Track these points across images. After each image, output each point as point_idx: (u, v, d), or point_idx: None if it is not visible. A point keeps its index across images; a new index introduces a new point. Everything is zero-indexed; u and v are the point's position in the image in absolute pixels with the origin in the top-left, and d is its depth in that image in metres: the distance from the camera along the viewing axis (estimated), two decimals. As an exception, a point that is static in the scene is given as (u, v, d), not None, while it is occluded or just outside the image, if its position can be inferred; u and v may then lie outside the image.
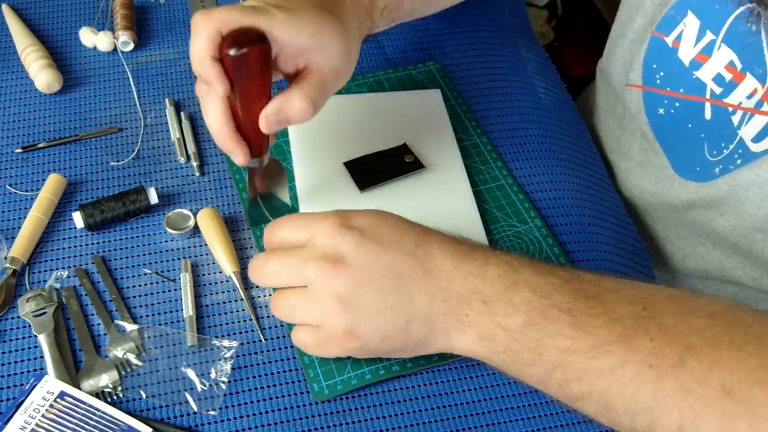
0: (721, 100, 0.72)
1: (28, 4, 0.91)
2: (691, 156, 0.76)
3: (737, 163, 0.70)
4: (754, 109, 0.68)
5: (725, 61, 0.71)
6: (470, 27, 0.93)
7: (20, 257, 0.67)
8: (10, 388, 0.61)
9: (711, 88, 0.73)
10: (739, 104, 0.70)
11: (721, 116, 0.72)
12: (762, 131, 0.67)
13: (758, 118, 0.68)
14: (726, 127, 0.71)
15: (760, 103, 0.68)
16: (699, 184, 0.75)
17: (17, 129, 0.79)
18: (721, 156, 0.72)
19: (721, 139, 0.72)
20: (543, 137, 0.83)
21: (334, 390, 0.61)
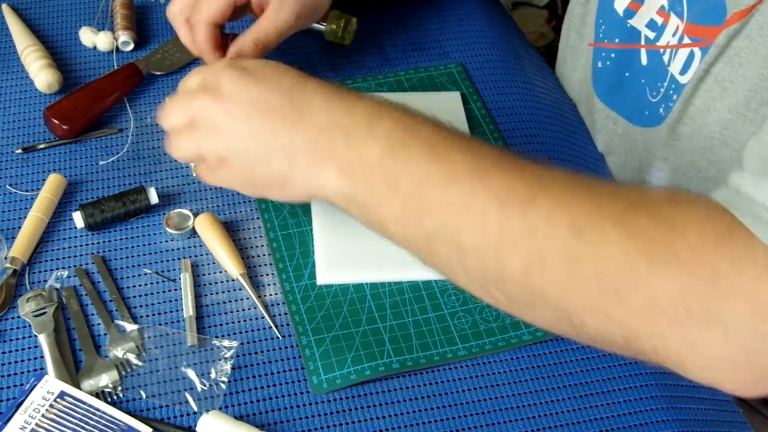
0: (654, 44, 0.73)
1: (28, 4, 0.91)
2: (635, 103, 0.77)
3: (673, 98, 0.71)
4: (676, 44, 0.70)
5: (657, 5, 0.72)
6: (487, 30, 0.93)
7: (20, 257, 0.67)
8: (10, 388, 0.61)
9: (645, 34, 0.74)
10: (667, 44, 0.71)
11: (656, 59, 0.73)
12: (685, 63, 0.69)
13: (682, 51, 0.69)
14: (660, 68, 0.73)
15: (681, 38, 0.69)
16: (654, 129, 0.76)
17: (17, 129, 0.79)
18: (659, 95, 0.73)
19: (656, 80, 0.74)
20: (550, 138, 0.83)
21: (333, 384, 0.62)
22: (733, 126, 0.65)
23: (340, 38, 0.88)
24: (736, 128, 0.65)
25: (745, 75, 0.63)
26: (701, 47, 0.67)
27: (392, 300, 0.67)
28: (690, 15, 0.69)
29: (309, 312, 0.66)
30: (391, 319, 0.66)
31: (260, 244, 0.71)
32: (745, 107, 0.63)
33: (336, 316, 0.66)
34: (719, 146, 0.67)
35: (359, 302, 0.67)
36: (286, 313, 0.67)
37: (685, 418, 0.63)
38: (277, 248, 0.70)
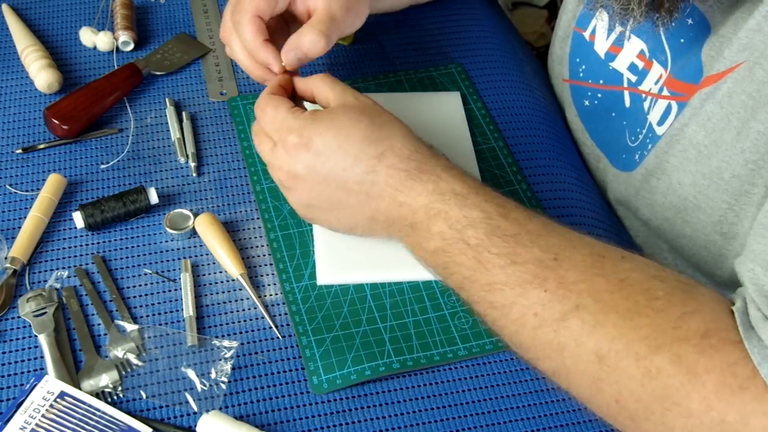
0: (636, 88, 0.74)
1: (28, 4, 0.91)
2: (617, 145, 0.78)
3: (648, 148, 0.72)
4: (657, 94, 0.71)
5: (636, 50, 0.73)
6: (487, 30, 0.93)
7: (20, 257, 0.67)
8: (10, 388, 0.61)
9: (627, 77, 0.75)
10: (649, 90, 0.72)
11: (637, 103, 0.74)
12: (663, 114, 0.70)
13: (661, 102, 0.70)
14: (640, 114, 0.73)
15: (661, 89, 0.70)
16: (626, 174, 0.76)
17: (17, 129, 0.79)
18: (638, 142, 0.74)
19: (636, 125, 0.74)
20: (550, 138, 0.83)
21: (333, 384, 0.62)
22: (706, 192, 0.65)
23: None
24: (710, 194, 0.65)
25: (716, 142, 0.63)
26: (678, 102, 0.68)
27: (392, 300, 0.67)
28: (673, 68, 0.69)
29: (309, 312, 0.66)
30: (391, 319, 0.66)
31: (260, 244, 0.71)
32: (719, 176, 0.63)
33: (336, 316, 0.66)
34: (693, 209, 0.68)
35: (359, 302, 0.67)
36: (286, 313, 0.67)
37: (685, 418, 0.63)
38: (277, 248, 0.70)
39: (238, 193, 0.75)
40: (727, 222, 0.65)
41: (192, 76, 0.85)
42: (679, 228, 0.71)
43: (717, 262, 0.69)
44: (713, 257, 0.69)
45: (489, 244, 0.55)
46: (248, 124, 0.80)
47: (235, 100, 0.82)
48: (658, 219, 0.73)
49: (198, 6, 0.93)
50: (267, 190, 0.74)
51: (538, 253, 0.54)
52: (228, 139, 0.79)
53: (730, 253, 0.67)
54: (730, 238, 0.66)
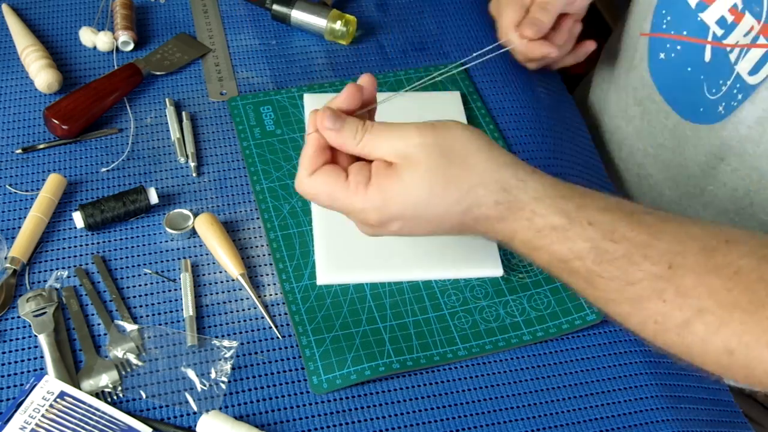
0: (721, 42, 0.73)
1: (28, 4, 0.91)
2: (692, 97, 0.77)
3: (738, 98, 0.71)
4: (750, 44, 0.69)
5: (730, 3, 0.72)
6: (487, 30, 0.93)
7: (20, 257, 0.67)
8: (10, 388, 0.61)
9: (713, 30, 0.73)
10: (736, 43, 0.71)
11: (720, 57, 0.73)
12: (758, 63, 0.69)
13: (754, 51, 0.69)
14: (723, 66, 0.72)
15: (756, 38, 0.69)
16: (709, 126, 0.75)
17: (17, 129, 0.79)
18: (720, 93, 0.73)
19: (719, 77, 0.73)
20: (551, 138, 0.83)
21: (333, 384, 0.62)
22: None
23: (340, 38, 0.89)
24: None
25: None
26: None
27: (392, 300, 0.67)
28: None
29: (309, 312, 0.66)
30: (391, 319, 0.66)
31: (260, 244, 0.71)
32: None
33: (336, 316, 0.66)
34: None
35: (359, 302, 0.67)
36: (286, 313, 0.67)
37: (685, 418, 0.63)
38: (277, 248, 0.70)
39: (238, 193, 0.75)
40: None
41: (192, 76, 0.85)
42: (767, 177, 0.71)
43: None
44: None
45: (599, 270, 0.53)
46: (248, 124, 0.80)
47: (235, 100, 0.82)
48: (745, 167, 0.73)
49: (198, 6, 0.93)
50: (267, 190, 0.74)
51: (651, 267, 0.52)
52: (228, 139, 0.79)
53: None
54: None
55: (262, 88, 0.84)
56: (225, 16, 0.92)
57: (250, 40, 0.89)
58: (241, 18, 0.92)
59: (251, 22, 0.91)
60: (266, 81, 0.85)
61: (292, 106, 0.82)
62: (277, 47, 0.89)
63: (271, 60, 0.87)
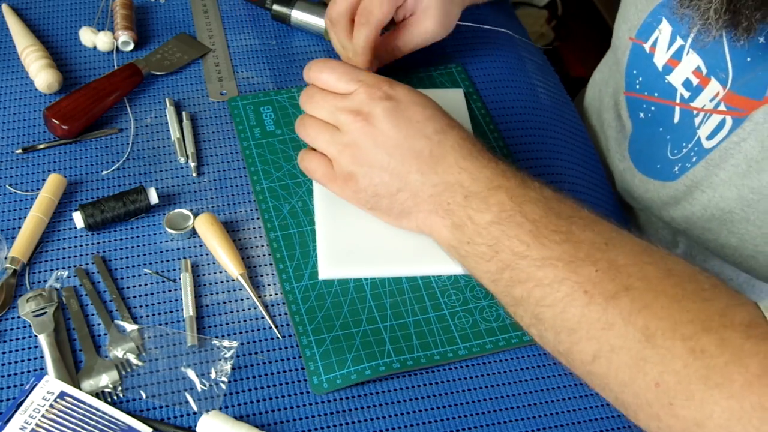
0: (688, 104, 0.74)
1: (28, 4, 0.91)
2: (655, 155, 0.79)
3: (693, 161, 0.72)
4: (712, 110, 0.71)
5: (693, 66, 0.73)
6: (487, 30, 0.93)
7: (20, 257, 0.67)
8: (10, 388, 0.61)
9: (680, 92, 0.75)
10: (702, 107, 0.72)
11: (686, 119, 0.74)
12: (715, 129, 0.70)
13: (714, 117, 0.70)
14: (689, 128, 0.74)
15: (718, 104, 0.70)
16: (660, 183, 0.77)
17: (17, 129, 0.79)
18: (681, 155, 0.74)
19: (682, 139, 0.75)
20: (550, 139, 0.83)
21: (333, 384, 0.62)
22: (756, 206, 0.66)
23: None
24: (760, 208, 0.66)
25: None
26: (734, 117, 0.68)
27: (392, 300, 0.67)
28: (734, 84, 0.68)
29: (309, 312, 0.66)
30: (391, 318, 0.66)
31: (260, 244, 0.71)
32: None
33: (336, 316, 0.66)
34: (740, 221, 0.68)
35: (359, 302, 0.67)
36: (286, 313, 0.67)
37: (686, 418, 0.63)
38: (277, 248, 0.70)
39: (238, 193, 0.75)
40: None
41: (192, 76, 0.85)
42: (724, 238, 0.72)
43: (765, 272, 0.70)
44: (762, 266, 0.70)
45: (547, 221, 0.56)
46: (248, 124, 0.80)
47: (235, 100, 0.82)
48: (698, 229, 0.74)
49: (198, 6, 0.93)
50: (267, 190, 0.74)
51: (592, 236, 0.55)
52: (228, 139, 0.79)
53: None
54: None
55: (262, 88, 0.84)
56: (225, 16, 0.92)
57: (250, 40, 0.89)
58: (241, 18, 0.92)
59: (251, 22, 0.91)
60: (266, 81, 0.85)
61: (292, 106, 0.82)
62: (277, 47, 0.89)
63: (271, 60, 0.87)
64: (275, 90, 0.84)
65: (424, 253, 0.69)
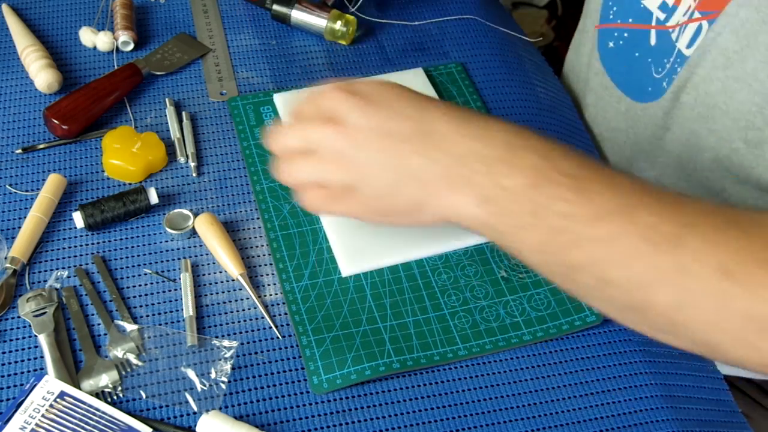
0: (663, 25, 0.75)
1: (28, 4, 0.91)
2: (640, 80, 0.79)
3: (677, 70, 0.73)
4: (686, 20, 0.71)
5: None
6: (487, 30, 0.93)
7: (20, 257, 0.67)
8: (10, 388, 0.61)
9: (656, 15, 0.76)
10: (677, 23, 0.73)
11: (664, 38, 0.75)
12: (692, 37, 0.70)
13: (690, 26, 0.70)
14: (667, 45, 0.74)
15: (692, 14, 0.71)
16: (656, 103, 0.77)
17: (17, 129, 0.79)
18: (665, 71, 0.75)
19: (663, 57, 0.75)
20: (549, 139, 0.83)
21: (333, 384, 0.62)
22: (736, 95, 0.66)
23: (340, 38, 0.89)
24: (740, 98, 0.66)
25: (750, 45, 0.64)
26: (709, 20, 0.68)
27: (392, 300, 0.67)
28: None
29: (309, 312, 0.66)
30: (391, 318, 0.66)
31: (260, 244, 0.71)
32: (752, 77, 0.64)
33: (336, 316, 0.66)
34: (720, 115, 0.68)
35: (359, 302, 0.67)
36: (286, 313, 0.67)
37: (685, 418, 0.63)
38: (277, 248, 0.70)
39: (238, 193, 0.75)
40: (754, 127, 0.65)
41: (192, 76, 0.85)
42: (704, 138, 0.71)
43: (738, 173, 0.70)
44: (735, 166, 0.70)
45: (586, 172, 0.50)
46: (248, 124, 0.80)
47: (235, 100, 0.82)
48: (685, 134, 0.74)
49: (198, 6, 0.93)
50: (267, 190, 0.74)
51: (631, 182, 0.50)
52: (228, 139, 0.79)
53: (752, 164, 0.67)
54: (753, 146, 0.66)
55: (262, 88, 0.84)
56: (225, 16, 0.92)
57: (250, 40, 0.89)
58: (241, 18, 0.92)
59: (251, 22, 0.91)
60: (266, 81, 0.85)
61: (292, 106, 0.82)
62: (277, 47, 0.89)
63: (271, 60, 0.87)
64: (275, 90, 0.84)
65: (440, 231, 0.69)
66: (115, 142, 0.75)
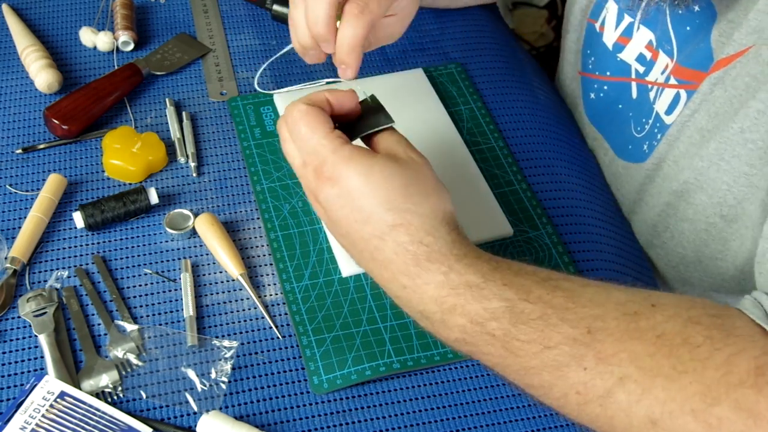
0: (643, 79, 0.75)
1: (28, 4, 0.91)
2: (623, 135, 0.79)
3: (657, 137, 0.73)
4: (664, 84, 0.71)
5: (645, 40, 0.73)
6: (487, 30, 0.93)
7: (21, 257, 0.67)
8: (10, 388, 0.61)
9: (635, 68, 0.76)
10: (655, 80, 0.73)
11: (643, 94, 0.75)
12: (671, 104, 0.70)
13: (668, 91, 0.71)
14: (645, 104, 0.74)
15: (668, 78, 0.71)
16: (637, 165, 0.77)
17: (17, 129, 0.79)
18: (644, 132, 0.75)
19: (642, 116, 0.75)
20: (550, 138, 0.83)
21: (333, 384, 0.62)
22: (707, 173, 0.66)
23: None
24: (710, 176, 0.66)
25: (718, 126, 0.64)
26: (687, 90, 0.68)
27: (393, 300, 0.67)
28: (680, 56, 0.69)
29: (309, 312, 0.66)
30: (391, 318, 0.66)
31: (260, 244, 0.71)
32: (719, 157, 0.64)
33: (336, 316, 0.66)
34: (695, 190, 0.69)
35: (360, 302, 0.67)
36: (286, 313, 0.67)
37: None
38: (277, 248, 0.70)
39: (238, 193, 0.75)
40: (727, 204, 0.66)
41: (192, 76, 0.85)
42: (682, 211, 0.71)
43: (718, 247, 0.69)
44: (714, 241, 0.69)
45: (516, 332, 0.51)
46: (248, 124, 0.80)
47: (235, 100, 0.82)
48: (661, 205, 0.74)
49: (198, 6, 0.93)
50: (267, 190, 0.74)
51: (569, 330, 0.50)
52: (228, 139, 0.79)
53: (731, 237, 0.68)
54: (729, 221, 0.67)
55: (262, 88, 0.84)
56: (225, 16, 0.92)
57: (250, 40, 0.89)
58: (241, 18, 0.92)
59: (251, 22, 0.91)
60: (266, 81, 0.85)
61: (292, 106, 0.82)
62: (277, 47, 0.89)
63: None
64: (275, 90, 0.84)
65: None
66: (115, 142, 0.75)
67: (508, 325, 0.51)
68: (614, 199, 0.83)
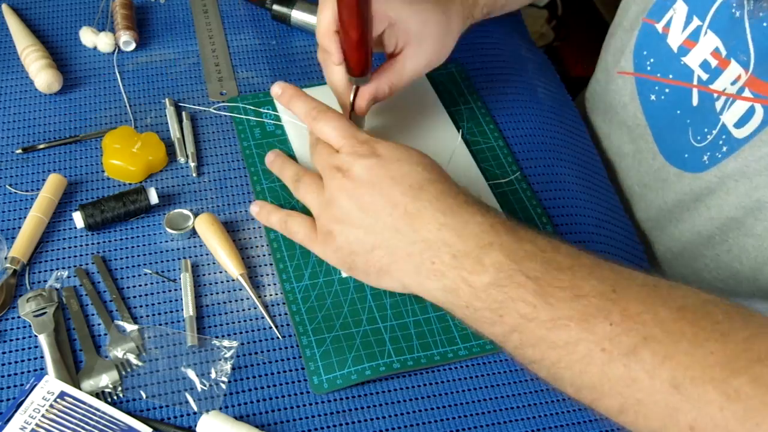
0: (707, 86, 0.73)
1: (28, 4, 0.91)
2: (678, 142, 0.77)
3: (723, 150, 0.71)
4: (735, 95, 0.69)
5: (711, 47, 0.71)
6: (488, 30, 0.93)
7: (20, 257, 0.67)
8: (10, 388, 0.61)
9: (698, 74, 0.74)
10: (723, 90, 0.70)
11: (707, 102, 0.73)
12: (743, 117, 0.68)
13: (739, 103, 0.68)
14: (709, 113, 0.72)
15: (741, 89, 0.68)
16: (692, 175, 0.75)
17: (17, 129, 0.79)
18: (706, 142, 0.73)
19: (704, 125, 0.73)
20: (550, 138, 0.83)
21: (333, 384, 0.62)
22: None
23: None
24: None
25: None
26: (765, 105, 0.66)
27: (392, 300, 0.67)
28: (757, 68, 0.67)
29: (309, 312, 0.66)
30: (391, 318, 0.66)
31: (260, 244, 0.71)
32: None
33: (336, 316, 0.66)
34: None
35: (360, 302, 0.67)
36: (286, 313, 0.67)
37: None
38: (277, 248, 0.70)
39: (238, 193, 0.75)
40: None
41: (192, 76, 0.85)
42: (749, 227, 0.70)
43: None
44: None
45: (550, 277, 0.52)
46: (248, 124, 0.80)
47: (235, 100, 0.82)
48: (722, 218, 0.73)
49: (198, 6, 0.93)
50: (267, 190, 0.74)
51: (597, 285, 0.51)
52: (228, 139, 0.79)
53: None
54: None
55: (262, 88, 0.84)
56: (225, 16, 0.92)
57: (250, 40, 0.89)
58: (241, 18, 0.92)
59: (251, 22, 0.91)
60: (266, 81, 0.85)
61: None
62: (277, 47, 0.89)
63: (271, 60, 0.87)
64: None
65: None
66: (115, 142, 0.75)
67: (541, 267, 0.52)
68: (615, 198, 0.83)
